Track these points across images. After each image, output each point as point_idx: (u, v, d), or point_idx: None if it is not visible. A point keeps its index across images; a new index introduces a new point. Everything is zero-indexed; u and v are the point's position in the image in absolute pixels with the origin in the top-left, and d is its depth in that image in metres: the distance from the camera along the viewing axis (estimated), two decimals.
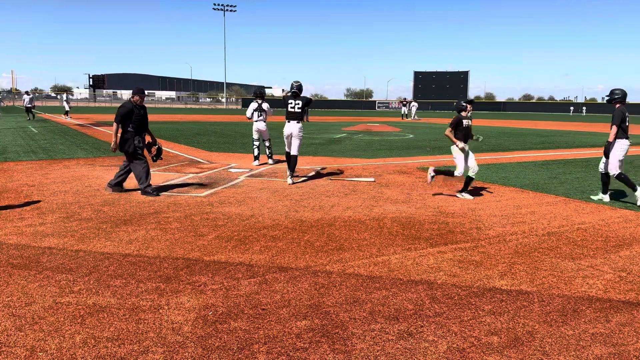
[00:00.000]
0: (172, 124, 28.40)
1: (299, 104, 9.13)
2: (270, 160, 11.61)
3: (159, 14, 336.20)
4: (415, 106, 46.28)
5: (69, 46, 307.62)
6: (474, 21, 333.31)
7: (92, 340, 3.17)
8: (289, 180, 9.05)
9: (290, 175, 9.08)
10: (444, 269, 4.62)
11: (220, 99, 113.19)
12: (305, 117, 37.87)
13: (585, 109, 75.17)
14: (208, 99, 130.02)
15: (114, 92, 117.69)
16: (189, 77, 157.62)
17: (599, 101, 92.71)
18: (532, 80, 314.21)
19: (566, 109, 76.58)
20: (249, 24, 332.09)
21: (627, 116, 7.46)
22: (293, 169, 9.17)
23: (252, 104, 11.54)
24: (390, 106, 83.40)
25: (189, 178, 9.41)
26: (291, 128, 9.13)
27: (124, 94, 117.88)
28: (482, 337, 3.32)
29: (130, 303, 3.75)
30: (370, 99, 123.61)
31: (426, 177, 8.48)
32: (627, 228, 6.19)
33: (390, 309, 3.73)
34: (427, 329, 3.41)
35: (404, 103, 47.14)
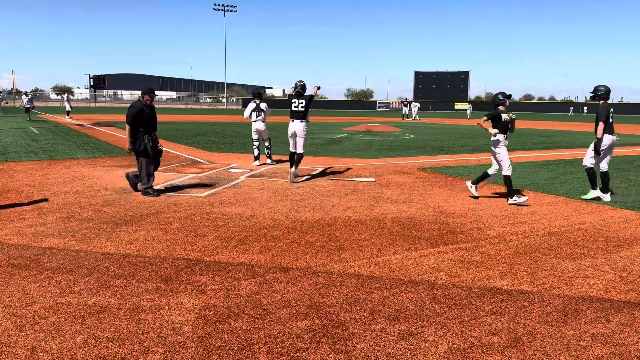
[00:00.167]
0: (173, 124, 28.41)
1: (302, 103, 9.28)
2: (269, 160, 11.60)
3: (159, 15, 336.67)
4: (417, 106, 46.20)
5: (69, 47, 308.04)
6: (475, 21, 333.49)
7: (93, 341, 3.17)
8: (291, 176, 9.21)
9: (294, 170, 9.23)
10: (445, 269, 4.62)
11: (220, 99, 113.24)
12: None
13: (587, 109, 75.11)
14: (208, 99, 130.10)
15: (114, 92, 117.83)
16: (190, 78, 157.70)
17: None
18: (532, 80, 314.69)
19: (567, 109, 76.54)
20: (249, 24, 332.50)
21: (612, 113, 7.67)
22: (297, 165, 9.35)
23: (250, 104, 11.55)
24: (391, 106, 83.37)
25: (189, 178, 9.42)
26: (295, 127, 9.31)
27: (125, 94, 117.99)
28: (482, 337, 3.32)
29: (130, 303, 3.75)
30: (370, 99, 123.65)
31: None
32: (628, 228, 6.19)
33: (390, 309, 3.73)
34: (428, 329, 3.41)
35: (405, 103, 47.11)
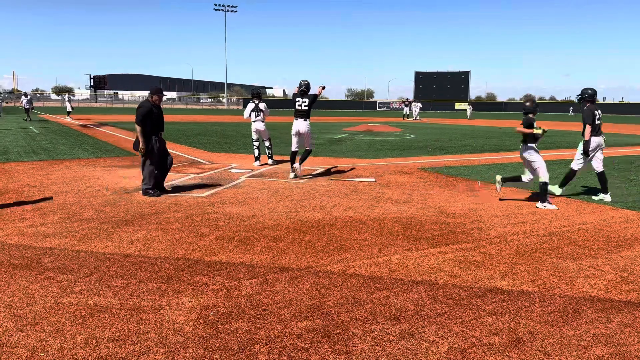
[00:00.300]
0: (173, 124, 28.41)
1: (306, 101, 9.44)
2: (270, 161, 11.58)
3: (159, 15, 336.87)
4: (419, 106, 46.11)
5: (69, 47, 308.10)
6: (475, 22, 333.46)
7: (94, 341, 3.17)
8: (292, 174, 9.45)
9: (298, 165, 9.52)
10: (445, 269, 4.62)
11: (221, 99, 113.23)
12: None
13: None
14: (209, 100, 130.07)
15: (115, 92, 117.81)
16: (190, 78, 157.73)
17: (600, 101, 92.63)
18: (533, 80, 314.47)
19: (567, 109, 76.44)
20: (249, 25, 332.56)
21: (598, 114, 7.78)
22: (303, 160, 9.72)
23: (249, 105, 11.55)
24: (391, 106, 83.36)
25: (190, 178, 9.42)
26: (299, 126, 9.47)
27: (125, 94, 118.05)
28: (483, 337, 3.31)
29: (131, 303, 3.75)
30: (371, 99, 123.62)
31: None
32: (629, 228, 6.18)
33: (391, 309, 3.73)
34: (428, 330, 3.41)
35: (406, 103, 47.07)
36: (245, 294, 3.97)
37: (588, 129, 7.66)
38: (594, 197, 7.91)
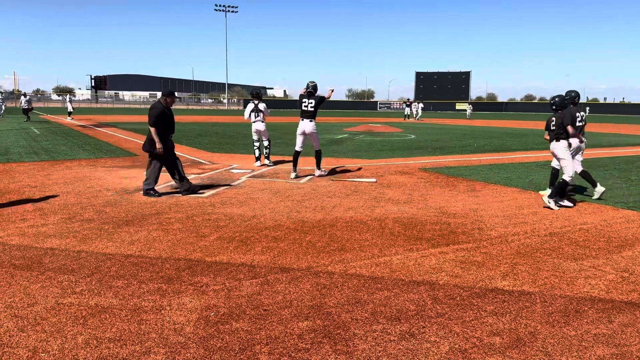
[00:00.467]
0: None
1: (312, 102, 9.60)
2: (266, 161, 11.45)
3: (160, 15, 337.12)
4: (421, 107, 46.03)
5: (70, 47, 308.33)
6: (476, 22, 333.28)
7: (94, 341, 3.17)
8: (293, 174, 9.58)
9: (317, 169, 9.88)
10: (446, 269, 4.61)
11: (222, 99, 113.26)
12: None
13: (589, 109, 75.01)
14: (210, 100, 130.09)
15: (115, 93, 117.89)
16: (191, 78, 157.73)
17: (601, 101, 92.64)
18: (533, 80, 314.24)
19: None
20: (250, 25, 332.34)
21: (580, 116, 8.00)
22: (319, 163, 9.92)
23: (249, 105, 11.54)
24: (392, 107, 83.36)
25: (190, 179, 9.40)
26: (304, 126, 9.65)
27: (126, 94, 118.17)
28: (484, 337, 3.31)
29: (132, 304, 3.75)
30: (371, 99, 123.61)
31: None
32: (630, 228, 6.18)
33: (392, 309, 3.73)
34: (429, 330, 3.41)
35: (407, 104, 47.06)
36: (246, 294, 3.97)
37: (570, 129, 7.72)
38: (593, 198, 7.89)
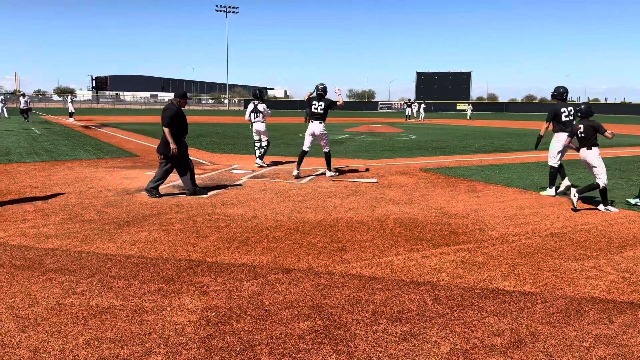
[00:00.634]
0: None
1: (321, 105, 9.78)
2: (258, 161, 11.29)
3: (161, 16, 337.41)
4: (424, 107, 45.92)
5: (72, 48, 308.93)
6: (476, 22, 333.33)
7: (95, 342, 3.18)
8: (295, 172, 9.75)
9: (329, 170, 10.06)
10: (447, 270, 4.61)
11: (222, 100, 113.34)
12: (307, 119, 37.74)
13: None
14: (210, 101, 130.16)
15: (116, 93, 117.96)
16: (192, 79, 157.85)
17: (602, 102, 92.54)
18: (534, 80, 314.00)
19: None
20: (251, 26, 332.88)
21: (565, 111, 8.06)
22: (329, 164, 10.13)
23: (250, 105, 11.56)
24: (393, 107, 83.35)
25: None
26: (314, 128, 9.86)
27: (127, 95, 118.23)
28: (485, 338, 3.31)
29: (133, 304, 3.75)
30: (372, 99, 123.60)
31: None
32: (631, 229, 6.17)
33: (392, 310, 3.73)
34: (430, 330, 3.41)
35: (409, 104, 47.04)
36: (247, 294, 3.97)
37: (544, 125, 8.16)
38: (558, 191, 8.28)
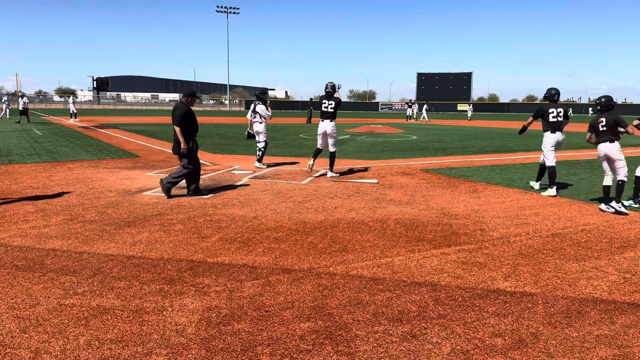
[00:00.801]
0: None
1: (332, 104, 9.95)
2: (256, 163, 11.30)
3: (162, 17, 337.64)
4: (425, 108, 45.85)
5: (72, 49, 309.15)
6: (477, 23, 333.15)
7: (96, 342, 3.18)
8: (310, 162, 10.20)
9: (330, 171, 10.18)
10: (448, 270, 4.61)
11: (223, 100, 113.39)
12: (308, 120, 37.84)
13: (591, 109, 74.83)
14: (211, 101, 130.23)
15: (117, 94, 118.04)
16: (193, 80, 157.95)
17: None
18: (535, 81, 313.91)
19: (567, 109, 76.16)
20: (252, 26, 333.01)
21: (554, 112, 8.42)
22: (332, 164, 10.23)
23: (251, 106, 11.59)
24: (394, 107, 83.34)
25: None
26: (325, 126, 10.06)
27: (128, 96, 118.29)
28: (486, 338, 3.31)
29: (134, 305, 3.75)
30: (373, 100, 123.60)
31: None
32: (632, 229, 6.16)
33: (393, 310, 3.73)
34: (431, 331, 3.40)
35: (409, 105, 47.04)
36: (248, 295, 3.97)
37: (528, 120, 8.71)
38: (534, 189, 8.63)
